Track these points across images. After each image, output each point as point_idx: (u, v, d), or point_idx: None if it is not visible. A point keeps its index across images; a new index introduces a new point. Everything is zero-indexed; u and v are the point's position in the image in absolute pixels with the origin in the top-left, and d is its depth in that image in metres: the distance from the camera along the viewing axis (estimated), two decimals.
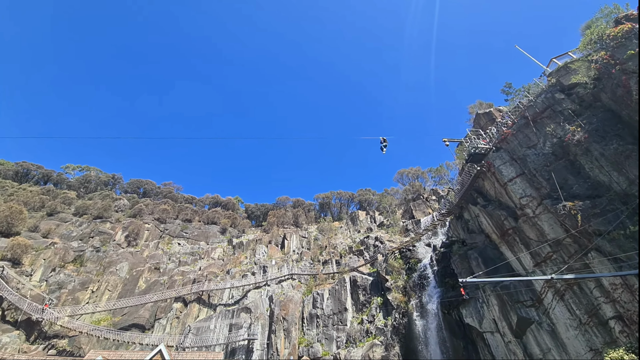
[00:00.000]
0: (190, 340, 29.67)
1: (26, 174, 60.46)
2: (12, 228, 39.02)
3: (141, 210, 52.22)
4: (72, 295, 34.05)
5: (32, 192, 50.21)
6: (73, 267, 37.81)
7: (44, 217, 45.51)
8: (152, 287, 36.59)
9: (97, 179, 63.95)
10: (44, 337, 30.38)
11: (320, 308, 31.88)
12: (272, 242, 46.39)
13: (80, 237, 43.31)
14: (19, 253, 35.54)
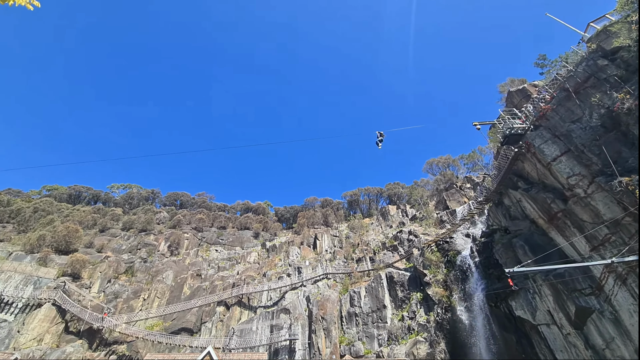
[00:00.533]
0: (235, 342, 30.98)
1: (78, 196, 66.88)
2: (70, 246, 43.36)
3: (180, 221, 55.51)
4: (127, 303, 37.04)
5: (85, 212, 55.40)
6: (125, 278, 41.13)
7: (96, 234, 50.01)
8: (195, 293, 38.73)
9: (138, 195, 69.07)
10: (104, 344, 33.33)
11: (358, 306, 31.77)
12: (304, 243, 47.04)
13: (129, 250, 47.01)
14: (78, 268, 39.39)
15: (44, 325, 33.03)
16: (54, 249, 42.03)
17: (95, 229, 51.32)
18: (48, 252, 40.66)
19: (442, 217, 38.09)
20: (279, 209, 70.44)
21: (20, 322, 32.80)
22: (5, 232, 48.88)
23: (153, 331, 33.43)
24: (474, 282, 24.26)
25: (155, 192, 71.87)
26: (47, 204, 56.33)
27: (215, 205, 70.47)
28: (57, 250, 42.21)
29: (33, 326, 32.43)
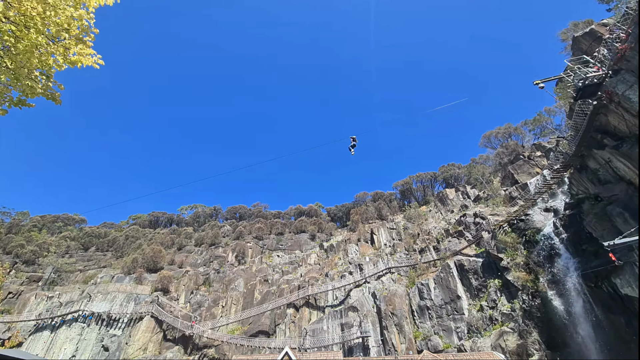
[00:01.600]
0: (309, 342, 32.13)
1: (156, 221, 76.73)
2: (157, 264, 49.91)
3: (242, 232, 59.85)
4: (209, 311, 41.14)
5: (164, 234, 63.28)
6: (204, 289, 45.76)
7: (175, 252, 56.68)
8: (265, 297, 41.25)
9: (203, 213, 76.49)
10: (197, 348, 37.44)
11: (428, 299, 30.37)
12: (361, 240, 46.73)
13: (204, 263, 52.24)
14: (165, 283, 45.08)
15: (147, 335, 38.47)
16: (145, 269, 48.80)
17: (174, 248, 58.23)
18: (141, 272, 47.36)
19: (512, 194, 34.35)
20: (331, 209, 71.23)
21: (127, 335, 38.69)
22: (106, 259, 58.49)
23: (234, 335, 36.51)
24: (563, 261, 21.33)
25: (217, 208, 78.71)
26: (134, 231, 65.77)
27: (270, 214, 74.28)
28: (147, 269, 48.94)
29: (138, 337, 37.97)
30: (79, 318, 39.10)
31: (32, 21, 6.25)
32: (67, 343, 37.21)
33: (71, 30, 7.16)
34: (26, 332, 38.50)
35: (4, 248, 54.28)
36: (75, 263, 55.77)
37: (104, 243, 63.31)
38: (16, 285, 45.96)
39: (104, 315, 39.26)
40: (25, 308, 41.75)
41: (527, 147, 41.01)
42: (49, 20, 6.55)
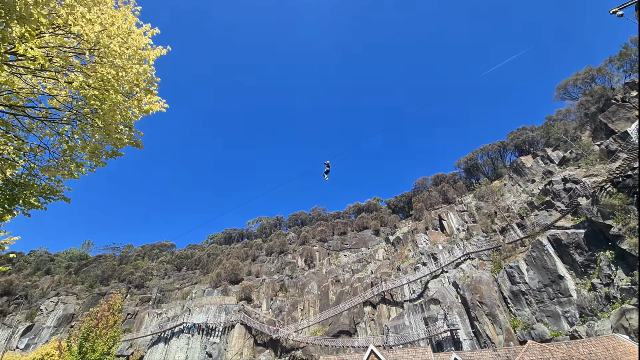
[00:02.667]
0: (393, 339, 31.34)
1: (230, 237, 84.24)
2: (237, 276, 54.55)
3: (306, 237, 61.81)
4: (290, 315, 43.29)
5: (237, 248, 69.03)
6: (282, 294, 48.38)
7: (250, 263, 61.27)
8: (340, 298, 41.72)
9: (268, 224, 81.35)
10: (285, 351, 39.68)
11: (521, 283, 27.00)
12: (429, 228, 44.08)
13: (277, 271, 55.33)
14: (247, 292, 48.93)
15: (240, 341, 42.21)
16: (228, 281, 53.76)
17: (249, 260, 63.01)
18: (226, 285, 52.28)
19: (609, 147, 28.60)
20: (390, 201, 69.04)
21: (224, 342, 42.99)
22: (196, 276, 66.10)
23: (317, 336, 37.67)
24: None
25: (279, 218, 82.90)
26: (213, 249, 73.19)
27: (329, 215, 75.27)
28: (230, 281, 53.84)
29: (233, 343, 41.92)
30: (184, 329, 44.88)
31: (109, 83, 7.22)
32: (179, 352, 42.99)
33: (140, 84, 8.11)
34: (145, 346, 45.56)
35: (118, 277, 65.59)
36: (173, 282, 64.36)
37: (191, 262, 71.85)
38: (132, 307, 54.95)
39: (203, 325, 44.35)
40: (142, 325, 49.60)
41: (617, 89, 33.83)
42: (122, 80, 7.50)
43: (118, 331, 25.75)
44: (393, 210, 66.98)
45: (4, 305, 55.46)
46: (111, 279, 65.11)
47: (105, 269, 66.57)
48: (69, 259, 75.16)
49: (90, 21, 6.17)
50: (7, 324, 51.25)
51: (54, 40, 6.58)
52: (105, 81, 7.12)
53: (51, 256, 76.99)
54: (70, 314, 52.61)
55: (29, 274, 67.89)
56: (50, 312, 53.37)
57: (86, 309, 50.82)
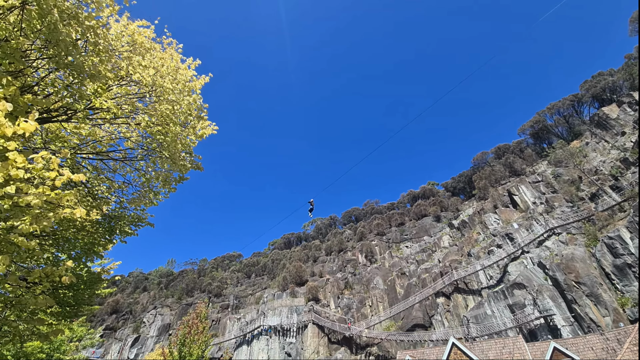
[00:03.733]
0: (475, 330, 29.21)
1: (289, 241, 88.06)
2: (302, 278, 56.64)
3: (362, 233, 61.39)
4: (359, 312, 43.42)
5: (298, 251, 71.74)
6: (348, 292, 48.78)
7: (312, 264, 63.15)
8: (409, 290, 40.42)
9: (323, 224, 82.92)
10: (360, 347, 39.86)
11: (626, 254, 22.85)
12: (498, 206, 40.06)
13: (339, 269, 56.01)
14: (314, 293, 50.47)
15: (315, 340, 43.75)
16: (295, 283, 56.15)
17: (310, 261, 64.96)
18: (293, 287, 54.69)
19: None
20: (447, 183, 64.69)
21: (300, 341, 44.98)
22: (264, 282, 70.48)
23: (391, 331, 37.06)
24: None
25: (333, 217, 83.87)
26: (276, 254, 77.25)
27: (383, 207, 73.60)
28: (296, 283, 56.18)
29: (308, 343, 43.64)
30: (262, 332, 48.27)
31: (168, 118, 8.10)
32: (260, 353, 46.38)
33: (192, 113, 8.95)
34: (231, 349, 50.07)
35: (199, 288, 73.41)
36: (246, 289, 69.70)
37: (258, 269, 76.94)
38: (215, 314, 60.90)
39: (278, 327, 47.11)
40: (225, 330, 54.66)
41: None
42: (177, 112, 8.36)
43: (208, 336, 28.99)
44: (452, 192, 62.59)
45: (114, 321, 66.36)
46: (194, 291, 73.21)
47: (188, 282, 75.15)
48: (159, 276, 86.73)
49: (145, 67, 7.03)
50: (117, 337, 61.26)
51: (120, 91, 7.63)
52: (164, 116, 8.01)
53: (145, 275, 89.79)
54: (167, 324, 60.59)
55: (130, 293, 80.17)
56: (151, 324, 62.17)
57: (179, 319, 58.09)
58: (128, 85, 8.28)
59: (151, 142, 8.98)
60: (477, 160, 57.43)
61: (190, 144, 9.30)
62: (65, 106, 6.20)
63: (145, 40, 7.44)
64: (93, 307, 11.88)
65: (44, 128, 7.78)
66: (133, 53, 7.16)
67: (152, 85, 7.73)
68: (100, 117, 8.15)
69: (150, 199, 9.64)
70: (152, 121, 8.08)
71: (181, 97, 8.30)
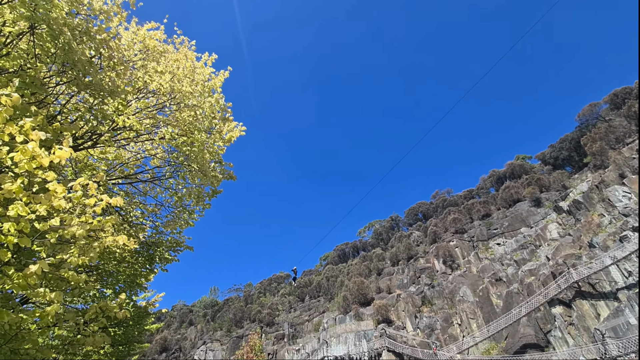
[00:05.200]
0: (616, 348, 26.13)
1: (343, 253, 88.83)
2: (365, 296, 56.56)
3: (435, 233, 59.20)
4: (445, 333, 41.91)
5: (356, 264, 71.88)
6: (427, 309, 47.44)
7: (376, 278, 62.70)
8: (509, 301, 37.83)
9: (382, 227, 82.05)
10: None
11: None
12: (626, 173, 35.36)
13: (411, 281, 54.75)
14: (383, 313, 50.04)
15: None
16: (358, 303, 56.30)
17: (373, 275, 64.61)
18: (356, 308, 54.92)
19: None
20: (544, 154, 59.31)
21: None
22: (321, 304, 71.94)
23: (493, 355, 35.08)
24: None
25: (394, 217, 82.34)
26: (330, 271, 78.39)
27: (459, 198, 70.23)
28: (359, 303, 56.28)
29: None
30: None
31: (191, 125, 8.75)
32: None
33: (216, 115, 9.57)
34: None
35: (248, 317, 77.80)
36: (300, 315, 71.95)
37: (312, 290, 78.82)
38: (270, 346, 63.91)
39: (346, 357, 47.68)
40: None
41: None
42: (200, 117, 9.00)
43: None
44: (553, 165, 57.08)
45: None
46: (243, 320, 77.75)
47: (235, 311, 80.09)
48: (204, 307, 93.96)
49: (161, 73, 7.71)
50: None
51: (139, 105, 8.46)
52: (187, 124, 8.69)
53: (189, 307, 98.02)
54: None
55: (177, 328, 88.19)
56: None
57: (231, 353, 62.26)
58: (146, 97, 9.15)
59: (177, 156, 9.79)
60: (584, 116, 51.38)
61: (218, 152, 9.94)
62: (90, 130, 7.10)
63: (157, 44, 8.16)
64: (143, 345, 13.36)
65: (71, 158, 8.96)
66: (147, 60, 7.89)
67: (171, 92, 8.44)
68: (124, 138, 9.13)
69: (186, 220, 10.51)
70: (175, 132, 8.81)
71: (202, 100, 8.92)
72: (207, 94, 9.09)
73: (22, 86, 4.91)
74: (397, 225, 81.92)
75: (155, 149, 10.34)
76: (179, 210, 10.64)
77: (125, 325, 10.18)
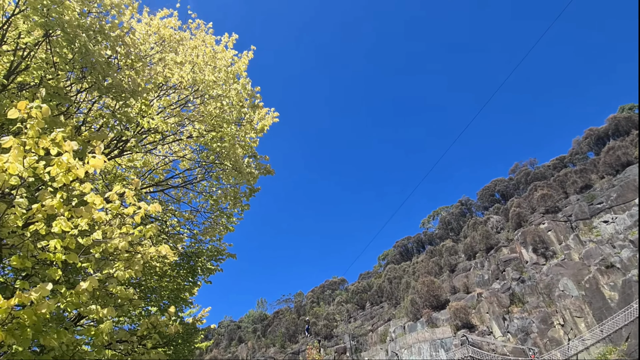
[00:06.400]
0: None
1: (405, 250, 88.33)
2: (438, 299, 55.78)
3: (519, 215, 56.70)
4: (544, 336, 40.27)
5: (423, 261, 70.97)
6: (517, 309, 45.79)
7: (450, 276, 61.60)
8: (627, 291, 35.58)
9: (450, 215, 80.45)
10: None
11: None
12: None
13: (495, 277, 53.16)
14: (462, 317, 49.04)
15: None
16: (429, 307, 55.74)
17: (445, 273, 63.48)
18: (428, 313, 54.42)
19: None
20: None
21: None
22: (384, 311, 72.14)
23: None
24: None
25: (464, 200, 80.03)
26: (392, 271, 78.19)
27: (546, 168, 66.74)
28: (431, 307, 55.68)
29: None
30: None
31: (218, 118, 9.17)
32: None
33: (244, 104, 9.93)
34: None
35: (302, 330, 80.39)
36: (362, 325, 72.88)
37: (373, 295, 79.31)
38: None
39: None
40: None
41: None
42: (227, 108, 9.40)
43: None
44: None
45: None
46: (297, 335, 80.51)
47: (287, 325, 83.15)
48: (252, 322, 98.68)
49: (181, 64, 8.17)
50: None
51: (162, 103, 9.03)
52: (214, 117, 9.13)
53: (237, 323, 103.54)
54: None
55: (226, 346, 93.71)
56: None
57: None
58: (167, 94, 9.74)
59: (207, 154, 10.34)
60: None
61: (251, 144, 10.33)
62: (116, 137, 7.77)
63: (172, 33, 8.64)
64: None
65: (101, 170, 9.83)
66: (164, 51, 8.40)
67: (193, 84, 8.90)
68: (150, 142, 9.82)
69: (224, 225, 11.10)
70: (202, 129, 9.30)
71: (227, 88, 9.30)
72: (232, 81, 9.43)
73: (47, 97, 5.50)
74: (468, 210, 79.53)
75: (183, 150, 11.00)
76: (215, 215, 11.20)
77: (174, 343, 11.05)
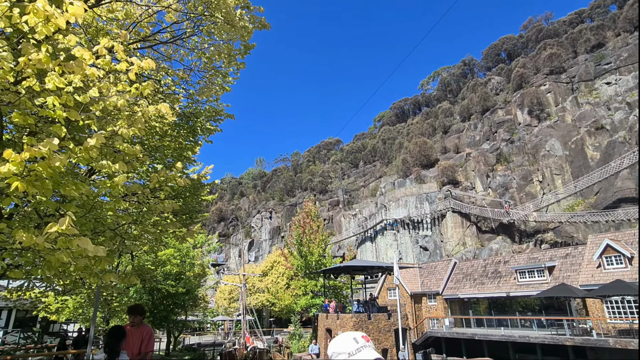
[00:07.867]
0: None
1: (402, 112, 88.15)
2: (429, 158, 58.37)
3: (522, 76, 55.19)
4: (522, 191, 43.61)
5: (418, 123, 71.89)
6: (502, 167, 48.48)
7: (442, 137, 63.36)
8: (609, 152, 36.95)
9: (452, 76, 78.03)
10: (525, 235, 41.66)
11: None
12: None
13: (485, 137, 54.70)
14: (449, 174, 52.18)
15: (458, 230, 47.89)
16: (419, 166, 58.90)
17: (438, 134, 64.95)
18: (418, 171, 57.73)
19: None
20: None
21: (438, 233, 50.13)
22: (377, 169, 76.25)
23: (577, 211, 36.61)
24: None
25: (469, 60, 76.88)
26: (386, 132, 79.83)
27: (561, 24, 62.26)
28: (421, 165, 58.82)
29: (450, 234, 48.27)
30: (386, 226, 55.66)
31: None
32: (388, 248, 54.78)
33: None
34: (353, 247, 60.54)
35: (299, 186, 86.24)
36: (355, 181, 78.00)
37: (366, 155, 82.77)
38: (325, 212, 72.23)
39: (406, 220, 53.05)
40: (341, 228, 65.28)
41: None
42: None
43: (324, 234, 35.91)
44: None
45: (224, 228, 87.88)
46: (294, 190, 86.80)
47: (285, 181, 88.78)
48: (252, 179, 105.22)
49: None
50: (233, 243, 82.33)
51: None
52: None
53: (238, 180, 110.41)
54: (276, 227, 76.65)
55: (229, 200, 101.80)
56: (260, 228, 79.88)
57: (288, 220, 72.20)
58: None
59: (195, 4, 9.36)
60: None
61: None
62: None
63: None
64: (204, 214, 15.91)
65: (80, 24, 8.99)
66: None
67: None
68: None
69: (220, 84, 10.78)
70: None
71: None
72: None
73: None
74: (470, 71, 76.89)
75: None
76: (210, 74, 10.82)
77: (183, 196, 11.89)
